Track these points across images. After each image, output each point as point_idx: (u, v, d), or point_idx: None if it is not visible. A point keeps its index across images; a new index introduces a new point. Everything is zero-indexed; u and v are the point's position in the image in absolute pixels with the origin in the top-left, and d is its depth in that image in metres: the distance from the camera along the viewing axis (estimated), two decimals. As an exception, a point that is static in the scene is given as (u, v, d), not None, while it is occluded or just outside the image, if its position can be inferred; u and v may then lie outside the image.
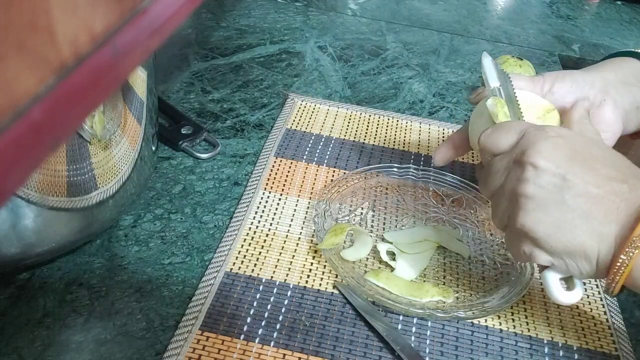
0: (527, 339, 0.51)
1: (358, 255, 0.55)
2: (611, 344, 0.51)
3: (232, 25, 1.00)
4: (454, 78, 0.92)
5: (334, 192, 0.61)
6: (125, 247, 0.55)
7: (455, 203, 0.64)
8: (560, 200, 0.41)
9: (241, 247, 0.56)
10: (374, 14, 1.11)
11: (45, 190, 0.45)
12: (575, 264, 0.42)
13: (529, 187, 0.42)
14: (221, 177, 0.65)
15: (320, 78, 0.87)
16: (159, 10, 0.22)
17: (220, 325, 0.48)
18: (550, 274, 0.44)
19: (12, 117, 0.16)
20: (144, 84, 0.54)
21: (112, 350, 0.46)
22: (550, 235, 0.41)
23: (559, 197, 0.41)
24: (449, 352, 0.49)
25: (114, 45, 0.19)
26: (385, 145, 0.73)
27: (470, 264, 0.57)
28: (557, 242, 0.41)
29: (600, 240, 0.40)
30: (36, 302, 0.49)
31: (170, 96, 0.79)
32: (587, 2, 1.31)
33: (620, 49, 0.60)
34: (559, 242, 0.41)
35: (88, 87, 0.18)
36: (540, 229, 0.41)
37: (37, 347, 0.46)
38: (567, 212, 0.41)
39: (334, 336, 0.49)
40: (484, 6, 1.22)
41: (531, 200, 0.42)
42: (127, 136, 0.52)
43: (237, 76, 0.85)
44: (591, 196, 0.40)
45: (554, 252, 0.42)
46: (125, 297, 0.51)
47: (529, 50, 1.05)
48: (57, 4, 0.17)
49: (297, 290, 0.52)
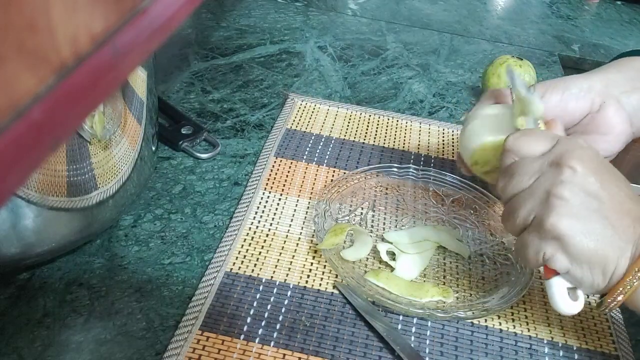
0: (527, 339, 0.51)
1: (358, 255, 0.55)
2: (611, 344, 0.51)
3: (232, 25, 1.00)
4: (454, 78, 0.92)
5: (334, 192, 0.61)
6: (125, 247, 0.55)
7: (455, 203, 0.64)
8: (593, 209, 0.41)
9: (241, 247, 0.56)
10: (374, 14, 1.11)
11: (45, 190, 0.45)
12: (590, 275, 0.42)
13: (566, 189, 0.42)
14: (221, 177, 0.65)
15: (320, 78, 0.87)
16: (159, 10, 0.22)
17: (220, 325, 0.48)
18: (559, 282, 0.44)
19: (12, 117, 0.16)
20: (144, 84, 0.54)
21: (112, 350, 0.46)
22: (581, 241, 0.41)
23: (591, 204, 0.41)
24: (449, 352, 0.49)
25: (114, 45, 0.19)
26: (385, 145, 0.73)
27: (470, 264, 0.57)
28: (584, 248, 0.41)
29: (620, 256, 0.41)
30: (36, 302, 0.49)
31: (170, 96, 0.79)
32: (587, 2, 1.31)
33: (620, 49, 0.60)
34: (586, 249, 0.41)
35: (88, 87, 0.18)
36: (572, 233, 0.41)
37: (37, 347, 0.46)
38: (598, 221, 0.41)
39: (334, 336, 0.49)
40: (484, 6, 1.22)
41: (566, 203, 0.42)
42: (127, 136, 0.52)
43: (237, 76, 0.85)
44: (615, 210, 0.41)
45: (577, 259, 0.42)
46: (125, 297, 0.51)
47: (529, 50, 1.05)
48: (57, 4, 0.17)
49: (297, 290, 0.52)
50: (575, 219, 0.41)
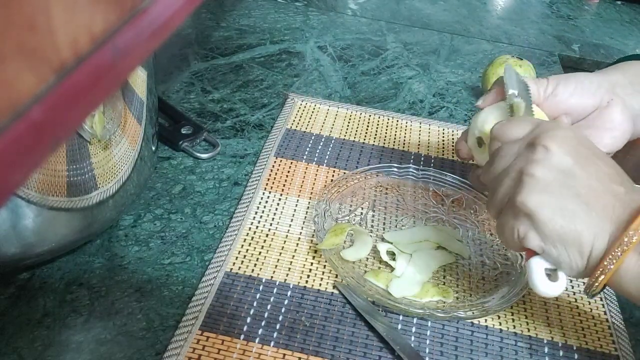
0: (527, 338, 0.51)
1: (358, 255, 0.55)
2: (611, 343, 0.51)
3: (232, 25, 1.00)
4: (454, 78, 0.92)
5: (334, 192, 0.61)
6: (125, 247, 0.55)
7: (455, 203, 0.64)
8: (565, 186, 0.41)
9: (241, 247, 0.56)
10: (374, 14, 1.11)
11: (45, 190, 0.45)
12: (567, 254, 0.42)
13: (538, 167, 0.42)
14: (221, 177, 0.65)
15: (320, 78, 0.87)
16: (159, 10, 0.22)
17: (220, 325, 0.48)
18: (536, 262, 0.43)
19: (12, 117, 0.16)
20: (144, 84, 0.54)
21: (112, 350, 0.46)
22: (550, 218, 0.41)
23: (564, 182, 0.41)
24: (449, 352, 0.49)
25: (114, 45, 0.19)
26: (385, 145, 0.73)
27: (470, 264, 0.57)
28: (555, 226, 0.41)
29: (596, 235, 0.41)
30: (36, 302, 0.49)
31: (170, 96, 0.79)
32: (587, 2, 1.31)
33: (620, 49, 0.60)
34: (558, 227, 0.41)
35: (88, 87, 0.18)
36: (541, 210, 0.41)
37: (37, 347, 0.46)
38: (569, 198, 0.41)
39: (334, 336, 0.49)
40: (484, 6, 1.22)
41: (537, 181, 0.42)
42: (127, 136, 0.52)
43: (237, 76, 0.85)
44: (592, 189, 0.41)
45: (549, 237, 0.42)
46: (125, 297, 0.51)
47: (529, 50, 1.05)
48: (57, 4, 0.17)
49: (297, 290, 0.52)
50: (546, 195, 0.41)
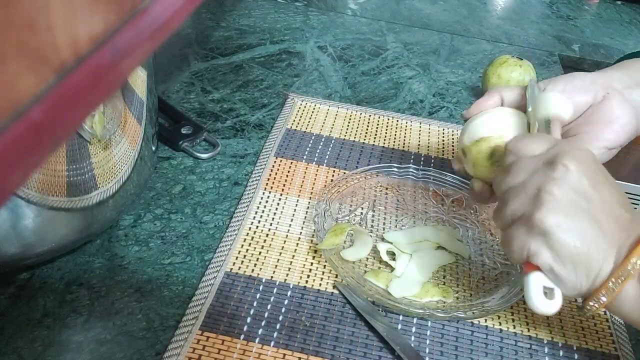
0: (527, 339, 0.51)
1: (358, 255, 0.55)
2: (611, 344, 0.51)
3: (232, 25, 1.00)
4: (454, 78, 0.92)
5: (334, 192, 0.61)
6: (125, 247, 0.55)
7: (455, 203, 0.64)
8: (582, 208, 0.42)
9: (241, 247, 0.56)
10: (374, 14, 1.11)
11: (45, 190, 0.45)
12: (574, 274, 0.42)
13: (557, 186, 0.42)
14: (221, 177, 0.65)
15: (320, 78, 0.87)
16: (159, 10, 0.22)
17: (220, 325, 0.48)
18: (537, 278, 0.43)
19: (12, 117, 0.16)
20: (144, 84, 0.54)
21: (112, 350, 0.46)
22: (566, 238, 0.41)
23: (581, 204, 0.42)
24: (449, 352, 0.49)
25: (114, 45, 0.19)
26: (385, 145, 0.73)
27: (470, 264, 0.57)
28: (569, 246, 0.41)
29: (604, 259, 0.41)
30: (36, 302, 0.49)
31: (170, 96, 0.79)
32: (587, 2, 1.31)
33: (620, 49, 0.60)
34: (572, 248, 0.41)
35: (88, 87, 0.18)
36: (558, 229, 0.41)
37: (37, 347, 0.46)
38: (586, 221, 0.41)
39: (334, 336, 0.49)
40: (484, 6, 1.22)
41: (556, 199, 0.42)
42: (127, 136, 0.52)
43: (237, 76, 0.85)
44: (604, 212, 0.42)
45: (562, 256, 0.42)
46: (125, 297, 0.51)
47: (529, 50, 1.05)
48: (57, 4, 0.17)
49: (297, 290, 0.52)
50: (563, 215, 0.41)
